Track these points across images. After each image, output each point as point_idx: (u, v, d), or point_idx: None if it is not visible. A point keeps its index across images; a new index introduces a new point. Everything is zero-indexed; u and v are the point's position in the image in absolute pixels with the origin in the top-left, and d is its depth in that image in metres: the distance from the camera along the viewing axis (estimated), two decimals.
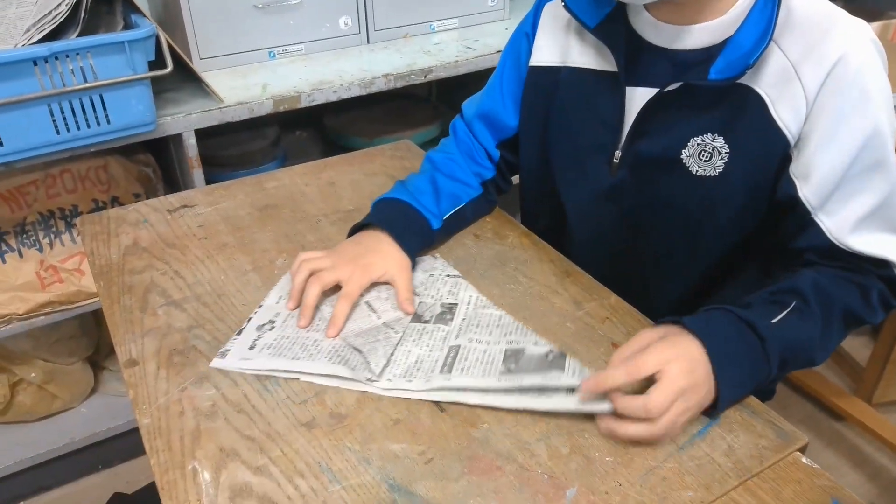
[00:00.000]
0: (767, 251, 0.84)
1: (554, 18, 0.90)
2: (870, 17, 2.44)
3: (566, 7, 0.84)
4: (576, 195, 0.92)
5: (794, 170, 0.76)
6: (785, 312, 0.71)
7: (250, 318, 0.78)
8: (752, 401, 0.69)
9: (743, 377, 0.67)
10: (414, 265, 0.85)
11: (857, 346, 1.91)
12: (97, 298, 1.39)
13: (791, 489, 0.60)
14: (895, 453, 1.55)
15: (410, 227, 0.87)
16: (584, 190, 0.90)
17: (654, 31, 0.81)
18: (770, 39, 0.72)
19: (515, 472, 0.61)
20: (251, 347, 0.74)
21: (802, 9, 0.74)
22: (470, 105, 1.03)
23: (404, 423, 0.66)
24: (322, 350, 0.73)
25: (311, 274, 0.79)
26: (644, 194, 0.85)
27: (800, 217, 0.77)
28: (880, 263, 0.77)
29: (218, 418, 0.66)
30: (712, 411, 0.66)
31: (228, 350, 0.73)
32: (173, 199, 1.04)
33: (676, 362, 0.63)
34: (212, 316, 0.80)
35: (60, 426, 1.56)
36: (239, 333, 0.76)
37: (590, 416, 0.66)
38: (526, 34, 0.94)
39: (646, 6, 0.80)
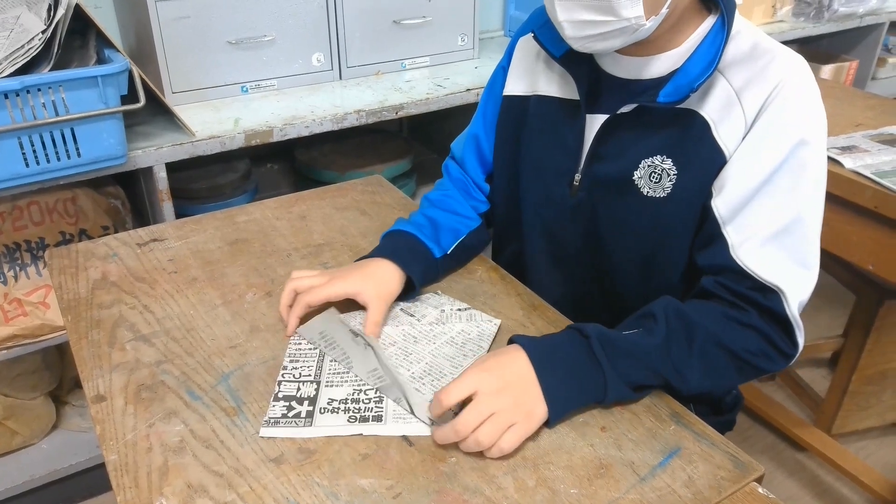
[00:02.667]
0: None
1: (526, 51, 0.96)
2: (825, 59, 2.56)
3: (535, 38, 0.89)
4: (541, 217, 0.96)
5: (715, 183, 0.80)
6: (627, 326, 0.77)
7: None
8: (711, 432, 0.71)
9: (569, 379, 0.71)
10: (418, 292, 0.90)
11: (816, 378, 1.96)
12: (62, 332, 1.38)
13: None
14: (855, 483, 1.58)
15: (415, 256, 0.90)
16: (549, 212, 0.94)
17: (613, 63, 0.86)
18: (715, 69, 0.78)
19: None
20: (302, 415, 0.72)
21: (747, 43, 0.80)
22: (458, 144, 1.07)
23: (373, 457, 0.66)
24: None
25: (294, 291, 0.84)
26: (601, 216, 0.88)
27: (710, 228, 0.80)
28: (769, 291, 0.77)
29: (186, 454, 0.66)
30: (550, 414, 0.69)
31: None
32: (143, 232, 1.05)
33: (488, 379, 0.69)
34: (181, 351, 0.80)
35: (20, 463, 1.52)
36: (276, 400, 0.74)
37: (556, 451, 0.67)
38: (503, 68, 1.00)
39: None
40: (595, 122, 0.87)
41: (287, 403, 0.72)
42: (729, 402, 1.01)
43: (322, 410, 0.71)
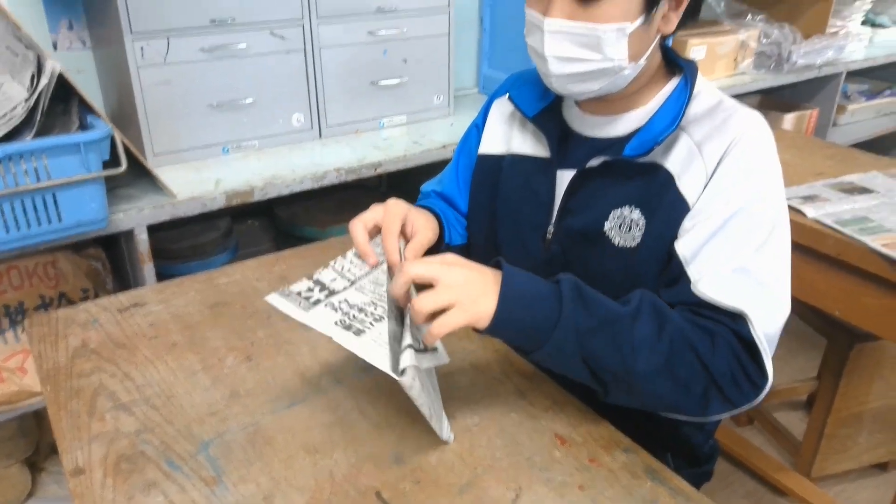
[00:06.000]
0: None
1: (501, 113, 1.01)
2: (786, 108, 2.65)
3: (510, 99, 0.95)
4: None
5: (680, 228, 0.83)
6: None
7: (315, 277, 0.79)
8: (687, 487, 0.72)
9: (526, 298, 0.73)
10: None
11: (793, 421, 1.98)
12: (39, 398, 1.37)
13: None
14: None
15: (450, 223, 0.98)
16: (526, 264, 0.96)
17: (581, 122, 0.91)
18: (678, 125, 0.82)
19: None
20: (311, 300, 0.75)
21: (707, 102, 0.86)
22: (428, 186, 1.12)
23: None
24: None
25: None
26: (574, 267, 0.91)
27: (674, 268, 0.82)
28: (735, 316, 0.77)
29: None
30: (494, 317, 0.71)
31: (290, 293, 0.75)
32: (123, 297, 1.05)
33: (451, 271, 0.72)
34: (161, 419, 0.80)
35: None
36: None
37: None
38: (476, 126, 1.05)
39: (577, 102, 0.92)
40: (565, 178, 0.91)
41: (311, 286, 0.75)
42: (706, 451, 1.02)
43: (327, 305, 0.73)
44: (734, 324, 0.76)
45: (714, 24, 2.38)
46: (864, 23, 2.80)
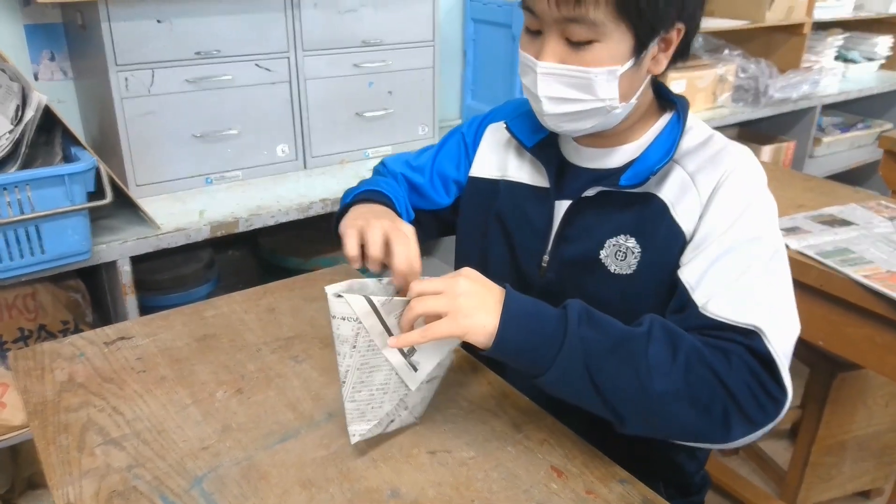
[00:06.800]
0: None
1: (496, 138, 1.02)
2: (764, 141, 2.72)
3: (508, 129, 0.96)
4: None
5: (682, 258, 0.84)
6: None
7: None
8: None
9: (530, 320, 0.73)
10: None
11: (778, 450, 1.99)
12: (18, 432, 1.33)
13: None
14: None
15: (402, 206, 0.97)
16: (520, 290, 0.97)
17: (578, 154, 0.93)
18: (671, 158, 0.84)
19: None
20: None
21: (699, 137, 0.88)
22: (396, 164, 1.09)
23: None
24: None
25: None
26: (570, 294, 0.91)
27: (680, 296, 0.82)
28: (747, 332, 0.75)
29: None
30: (497, 336, 0.72)
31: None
32: (110, 330, 1.03)
33: (458, 283, 0.74)
34: (152, 454, 0.79)
35: None
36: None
37: None
38: (464, 139, 1.05)
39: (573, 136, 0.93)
40: (561, 207, 0.92)
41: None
42: (697, 481, 1.02)
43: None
44: (748, 340, 0.74)
45: (692, 58, 2.44)
46: (836, 58, 2.89)
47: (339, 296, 0.73)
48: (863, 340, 1.25)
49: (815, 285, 1.27)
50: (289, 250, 1.85)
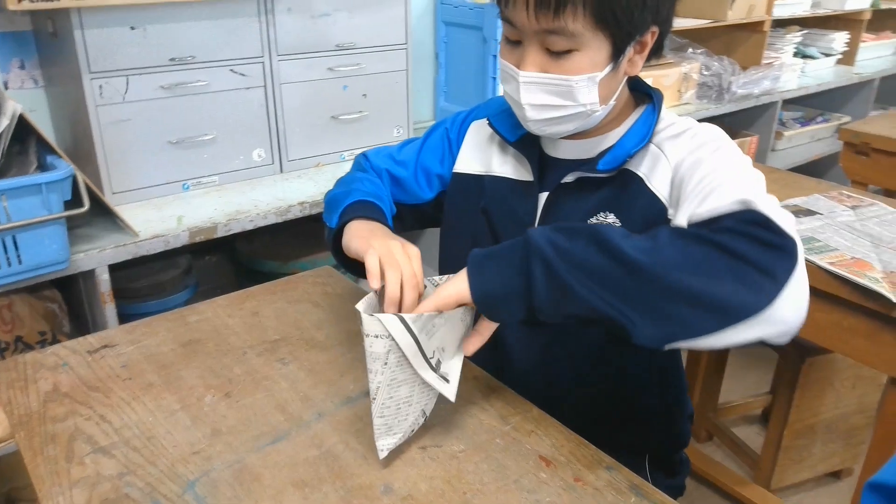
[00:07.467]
0: None
1: (479, 135, 1.04)
2: (728, 135, 2.77)
3: (490, 125, 0.98)
4: None
5: (670, 217, 0.84)
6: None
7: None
8: (669, 501, 0.75)
9: (492, 252, 0.75)
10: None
11: (750, 435, 2.04)
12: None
13: None
14: None
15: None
16: None
17: (556, 147, 0.95)
18: (649, 140, 0.87)
19: None
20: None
21: (671, 120, 0.91)
22: (379, 158, 1.09)
23: None
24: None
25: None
26: None
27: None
28: (734, 210, 0.69)
29: None
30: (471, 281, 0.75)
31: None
32: (93, 339, 1.03)
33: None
34: (143, 461, 0.79)
35: None
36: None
37: None
38: (448, 134, 1.07)
39: None
40: (542, 198, 0.95)
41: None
42: (679, 462, 1.06)
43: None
44: (737, 212, 0.69)
45: (657, 60, 2.49)
46: (795, 54, 2.97)
47: (371, 314, 0.74)
48: (830, 325, 1.30)
49: None
50: (267, 254, 1.85)
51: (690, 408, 1.08)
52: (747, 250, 0.65)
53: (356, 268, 0.92)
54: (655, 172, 0.87)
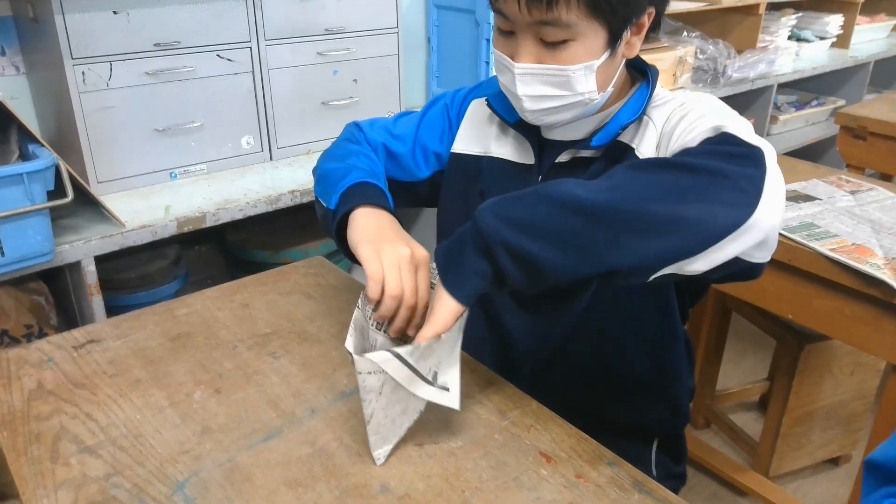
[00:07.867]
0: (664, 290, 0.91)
1: (478, 115, 1.01)
2: None
3: (489, 105, 0.95)
4: None
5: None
6: None
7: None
8: (673, 498, 0.73)
9: (452, 239, 0.72)
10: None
11: (748, 422, 2.03)
12: None
13: None
14: None
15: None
16: None
17: (551, 129, 0.92)
18: (641, 114, 0.85)
19: None
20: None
21: (663, 94, 0.89)
22: (374, 131, 1.05)
23: None
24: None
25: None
26: None
27: None
28: (709, 137, 0.71)
29: None
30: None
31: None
32: (78, 333, 1.00)
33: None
34: (130, 461, 0.76)
35: None
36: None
37: None
38: (448, 111, 1.03)
39: None
40: (540, 181, 0.93)
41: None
42: (683, 447, 1.05)
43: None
44: (709, 138, 0.70)
45: (653, 41, 2.46)
46: (790, 38, 2.94)
47: (363, 356, 0.72)
48: (831, 312, 1.28)
49: (783, 260, 1.30)
50: (257, 244, 1.82)
51: (692, 382, 1.05)
52: (710, 164, 0.64)
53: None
54: (644, 140, 0.86)
